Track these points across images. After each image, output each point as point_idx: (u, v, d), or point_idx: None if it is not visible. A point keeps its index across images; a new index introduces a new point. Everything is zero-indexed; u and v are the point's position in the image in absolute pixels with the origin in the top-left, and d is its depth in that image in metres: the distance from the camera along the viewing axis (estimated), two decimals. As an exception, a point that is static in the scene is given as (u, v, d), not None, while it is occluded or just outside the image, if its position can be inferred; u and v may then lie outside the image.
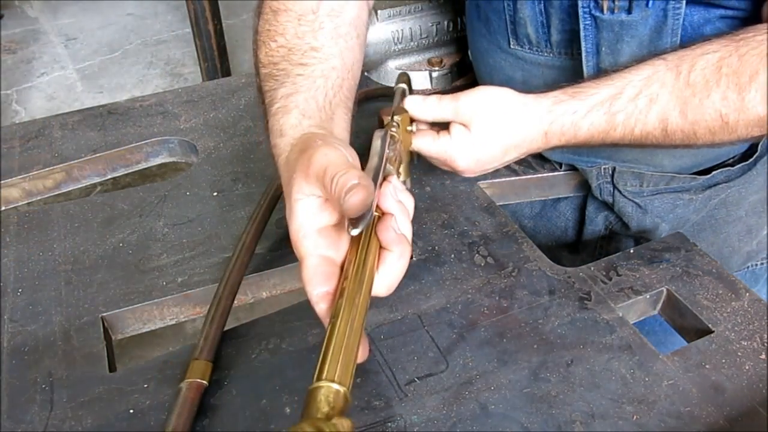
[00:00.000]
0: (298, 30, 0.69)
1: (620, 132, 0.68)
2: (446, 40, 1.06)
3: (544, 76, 0.80)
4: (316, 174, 0.51)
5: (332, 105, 0.65)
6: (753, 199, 0.87)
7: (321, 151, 0.52)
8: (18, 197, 0.90)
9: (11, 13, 3.91)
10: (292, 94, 0.63)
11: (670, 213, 0.85)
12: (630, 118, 0.67)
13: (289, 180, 0.55)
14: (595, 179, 0.85)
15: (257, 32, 0.72)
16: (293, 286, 0.77)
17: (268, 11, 0.72)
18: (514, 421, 0.58)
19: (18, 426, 0.58)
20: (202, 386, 0.60)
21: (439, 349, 0.65)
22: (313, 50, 0.68)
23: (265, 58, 0.70)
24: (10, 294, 0.71)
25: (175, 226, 0.80)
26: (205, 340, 0.63)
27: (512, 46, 0.80)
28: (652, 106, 0.66)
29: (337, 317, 0.48)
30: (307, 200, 0.53)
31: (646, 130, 0.67)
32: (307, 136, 0.58)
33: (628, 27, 0.70)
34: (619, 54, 0.72)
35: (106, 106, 1.03)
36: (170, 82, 3.31)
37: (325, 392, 0.43)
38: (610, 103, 0.67)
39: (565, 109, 0.69)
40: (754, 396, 0.60)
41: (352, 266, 0.51)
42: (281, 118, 0.62)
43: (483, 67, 0.89)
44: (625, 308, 0.70)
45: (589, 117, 0.68)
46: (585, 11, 0.71)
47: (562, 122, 0.69)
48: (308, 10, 0.70)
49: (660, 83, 0.66)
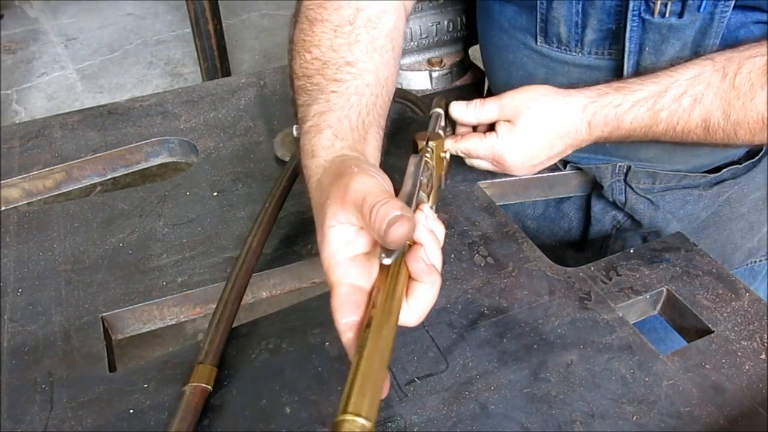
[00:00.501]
0: (334, 42, 0.68)
1: (662, 128, 0.70)
2: (446, 40, 1.06)
3: (569, 74, 0.80)
4: (353, 202, 0.50)
5: (365, 124, 0.64)
6: (755, 196, 0.88)
7: (358, 179, 0.51)
8: (18, 197, 0.90)
9: (11, 13, 3.91)
10: (325, 113, 0.63)
11: (681, 209, 0.86)
12: (673, 116, 0.69)
13: (321, 205, 0.54)
14: (609, 177, 0.85)
15: (292, 41, 0.71)
16: (293, 286, 0.77)
17: (305, 20, 0.70)
18: (514, 421, 0.58)
19: (18, 426, 0.59)
20: (207, 391, 0.60)
21: (439, 349, 0.65)
22: (348, 65, 0.67)
23: (299, 69, 0.69)
24: (10, 294, 0.71)
25: (175, 226, 0.80)
26: (210, 344, 0.62)
27: (539, 43, 0.80)
28: (696, 106, 0.68)
29: (364, 347, 0.46)
30: (340, 227, 0.52)
31: (689, 128, 0.70)
32: (341, 159, 0.57)
33: (676, 30, 0.71)
34: (662, 54, 0.73)
35: (106, 106, 1.03)
36: (170, 82, 3.31)
37: (349, 427, 0.41)
38: (654, 100, 0.70)
39: (609, 101, 0.71)
40: (754, 396, 0.60)
41: (380, 295, 0.50)
42: (313, 137, 0.61)
43: (499, 63, 0.88)
44: (625, 308, 0.70)
45: (632, 111, 0.70)
46: (635, 14, 0.71)
47: (605, 113, 0.71)
48: (345, 21, 0.69)
49: (706, 84, 0.68)
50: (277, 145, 0.92)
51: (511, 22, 0.82)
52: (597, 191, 0.89)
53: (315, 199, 0.57)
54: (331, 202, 0.51)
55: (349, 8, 0.69)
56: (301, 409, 0.60)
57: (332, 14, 0.69)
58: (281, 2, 3.94)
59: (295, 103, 0.68)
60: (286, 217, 0.82)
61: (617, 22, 0.73)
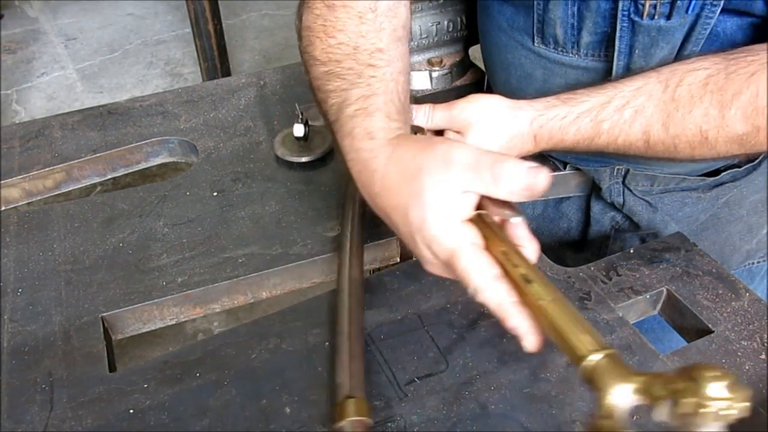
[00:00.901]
0: (361, 28, 0.67)
1: (604, 140, 0.70)
2: (446, 40, 1.06)
3: (567, 75, 0.80)
4: (463, 167, 0.52)
5: (404, 106, 0.65)
6: (754, 199, 0.88)
7: (456, 146, 0.54)
8: (18, 197, 0.90)
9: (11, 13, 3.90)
10: (370, 96, 0.62)
11: (679, 211, 0.85)
12: (614, 128, 0.69)
13: (412, 177, 0.55)
14: (607, 180, 0.85)
15: (307, 28, 0.70)
16: (293, 286, 0.77)
17: (321, 6, 0.70)
18: (514, 421, 0.58)
19: (18, 426, 0.59)
20: (368, 425, 0.57)
21: (439, 349, 0.65)
22: (379, 51, 0.66)
23: (323, 54, 0.68)
24: (10, 294, 0.71)
25: (175, 226, 0.80)
26: (351, 377, 0.59)
27: (536, 44, 0.80)
28: (636, 117, 0.68)
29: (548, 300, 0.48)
30: (446, 194, 0.53)
31: (629, 140, 0.69)
32: (411, 136, 0.59)
33: (665, 32, 0.70)
34: (651, 58, 0.73)
35: (106, 106, 1.03)
36: (170, 82, 3.31)
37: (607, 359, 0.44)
38: (597, 112, 0.69)
39: (555, 113, 0.71)
40: (754, 396, 0.60)
41: (513, 255, 0.52)
42: (363, 120, 0.61)
43: (499, 62, 0.88)
44: (625, 308, 0.70)
45: (576, 123, 0.70)
46: (624, 15, 0.71)
47: (550, 126, 0.71)
48: (367, 8, 0.68)
49: (647, 95, 0.67)
50: (277, 145, 0.92)
51: (510, 22, 0.82)
52: (596, 192, 0.89)
53: (391, 176, 0.57)
54: (431, 170, 0.53)
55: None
56: (301, 409, 0.60)
57: (353, 1, 0.69)
58: (281, 2, 3.94)
59: (321, 88, 0.67)
60: (286, 217, 0.82)
61: (611, 25, 0.73)
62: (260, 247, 0.77)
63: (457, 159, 0.53)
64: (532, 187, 0.51)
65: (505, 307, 0.52)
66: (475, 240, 0.54)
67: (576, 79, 0.79)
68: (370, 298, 0.70)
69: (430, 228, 0.54)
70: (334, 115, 0.64)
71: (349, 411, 0.56)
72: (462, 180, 0.53)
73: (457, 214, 0.54)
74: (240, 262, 0.75)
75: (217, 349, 0.66)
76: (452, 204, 0.53)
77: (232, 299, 0.75)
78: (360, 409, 0.56)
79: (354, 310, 0.64)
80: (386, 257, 0.80)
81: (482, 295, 0.52)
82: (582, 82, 0.78)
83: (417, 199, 0.54)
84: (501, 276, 0.52)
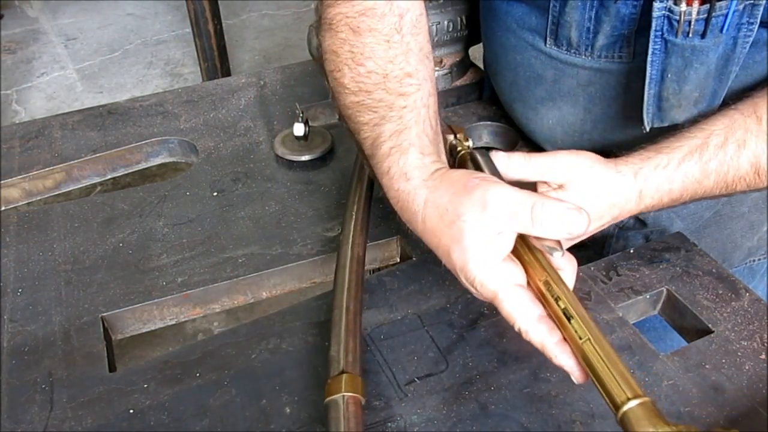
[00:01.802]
0: (389, 53, 0.66)
1: (713, 179, 0.67)
2: (446, 40, 1.06)
3: (578, 76, 0.79)
4: (500, 211, 0.53)
5: (436, 133, 0.65)
6: (755, 195, 0.88)
7: (492, 189, 0.54)
8: (18, 197, 0.90)
9: (11, 13, 3.90)
10: (402, 131, 0.62)
11: (684, 208, 0.85)
12: (723, 165, 0.67)
13: (451, 222, 0.55)
14: None
15: (333, 53, 0.68)
16: (293, 286, 0.77)
17: (346, 30, 0.67)
18: (514, 421, 0.58)
19: (18, 426, 0.59)
20: (361, 401, 0.56)
21: (439, 349, 0.65)
22: (408, 76, 0.65)
23: (353, 84, 0.66)
24: (10, 294, 0.71)
25: (175, 226, 0.80)
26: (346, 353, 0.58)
27: (548, 45, 0.79)
28: (742, 151, 0.67)
29: (584, 339, 0.50)
30: (484, 237, 0.54)
31: (739, 174, 0.67)
32: (441, 174, 0.59)
33: (699, 53, 0.69)
34: (685, 82, 0.71)
35: (106, 106, 1.03)
36: (170, 82, 3.31)
37: (643, 407, 0.45)
38: (699, 153, 0.67)
39: (657, 163, 0.67)
40: (754, 396, 0.60)
41: (555, 285, 0.53)
42: (399, 159, 0.61)
43: (506, 63, 0.88)
44: (625, 308, 0.70)
45: (682, 168, 0.67)
46: (657, 34, 0.69)
47: (656, 176, 0.67)
48: (393, 30, 0.66)
49: (743, 129, 0.67)
50: (277, 145, 0.92)
51: (519, 23, 0.82)
52: None
53: (431, 219, 0.58)
54: (469, 218, 0.54)
55: (392, 15, 0.67)
56: (301, 409, 0.60)
57: (378, 23, 0.66)
58: (281, 2, 3.94)
59: (352, 118, 0.66)
60: (286, 217, 0.82)
61: (630, 28, 0.72)
62: (260, 247, 0.77)
63: (493, 201, 0.53)
64: (571, 228, 0.52)
65: (549, 347, 0.53)
66: (517, 278, 0.55)
67: (588, 79, 0.79)
68: (370, 298, 0.70)
69: (472, 270, 0.54)
70: (369, 150, 0.64)
71: (343, 385, 0.55)
72: (499, 222, 0.53)
73: (497, 254, 0.54)
74: (240, 262, 0.75)
75: (217, 349, 0.66)
76: (491, 246, 0.54)
77: (232, 299, 0.75)
78: (355, 385, 0.55)
79: (354, 287, 0.64)
80: (386, 257, 0.80)
81: (527, 336, 0.54)
82: (594, 83, 0.77)
83: (457, 243, 0.55)
84: (543, 316, 0.53)
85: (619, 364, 0.48)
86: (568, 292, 0.53)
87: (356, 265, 0.67)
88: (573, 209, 0.52)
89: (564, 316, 0.51)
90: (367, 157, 0.66)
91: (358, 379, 0.56)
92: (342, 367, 0.57)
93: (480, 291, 0.55)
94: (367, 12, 0.67)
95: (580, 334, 0.50)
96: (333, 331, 0.60)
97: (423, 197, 0.58)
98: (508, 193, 0.54)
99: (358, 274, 0.66)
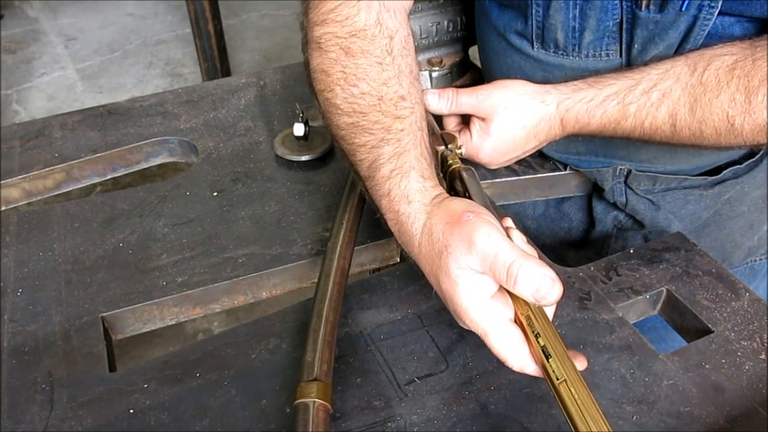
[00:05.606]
0: (382, 76, 0.65)
1: (631, 123, 0.70)
2: (446, 40, 1.06)
3: (567, 77, 0.80)
4: (482, 257, 0.52)
5: (432, 156, 0.65)
6: (755, 195, 0.88)
7: (481, 230, 0.53)
8: (18, 197, 0.90)
9: (11, 13, 3.90)
10: (402, 154, 0.62)
11: (682, 209, 0.86)
12: (641, 110, 0.69)
13: (439, 253, 0.55)
14: (610, 180, 0.85)
15: (324, 72, 0.67)
16: (293, 286, 0.77)
17: (337, 50, 0.67)
18: (514, 421, 0.58)
19: (18, 426, 0.59)
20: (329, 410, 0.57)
21: (439, 349, 0.65)
22: (402, 99, 0.65)
23: (346, 105, 0.66)
24: (10, 294, 0.71)
25: (175, 226, 0.80)
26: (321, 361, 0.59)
27: (535, 48, 0.80)
28: (663, 100, 0.68)
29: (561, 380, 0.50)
30: (470, 274, 0.54)
31: (656, 124, 0.69)
32: (440, 201, 0.59)
33: (661, 28, 0.70)
34: (646, 54, 0.73)
35: (106, 106, 1.03)
36: (170, 82, 3.31)
37: None
38: (624, 94, 0.70)
39: (582, 96, 0.71)
40: (754, 396, 0.60)
41: (536, 321, 0.53)
42: (401, 181, 0.61)
43: (497, 66, 0.88)
44: (625, 308, 0.70)
45: (603, 106, 0.71)
46: (628, 6, 0.71)
47: (577, 109, 0.72)
48: (384, 52, 0.66)
49: (675, 78, 0.68)
50: (277, 145, 0.92)
51: (507, 28, 0.82)
52: (598, 192, 0.89)
53: (425, 245, 0.58)
54: (455, 251, 0.54)
55: (383, 37, 0.67)
56: (301, 409, 0.60)
57: (369, 45, 0.66)
58: (281, 2, 3.94)
59: (346, 139, 0.66)
60: (286, 217, 0.82)
61: (614, 17, 0.73)
62: (260, 247, 0.77)
63: (479, 244, 0.53)
64: (542, 297, 0.51)
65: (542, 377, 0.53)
66: (506, 314, 0.54)
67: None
68: (370, 298, 0.70)
69: (461, 303, 0.54)
70: (367, 171, 0.64)
71: (315, 392, 0.56)
72: (480, 265, 0.53)
73: (483, 292, 0.54)
74: (240, 262, 0.75)
75: (217, 349, 0.66)
76: (478, 284, 0.54)
77: (232, 299, 0.75)
78: (326, 394, 0.56)
79: (335, 298, 0.65)
80: (386, 257, 0.80)
81: (522, 372, 0.54)
82: None
83: (446, 275, 0.55)
84: (533, 353, 0.53)
85: (592, 407, 0.48)
86: (549, 328, 0.52)
87: (339, 277, 0.67)
88: (548, 277, 0.51)
89: (543, 354, 0.51)
90: (363, 178, 0.65)
91: (330, 390, 0.57)
92: (316, 374, 0.57)
93: (469, 325, 0.55)
94: (357, 33, 0.66)
95: (557, 374, 0.50)
96: (311, 337, 0.61)
97: (422, 222, 0.59)
98: (493, 241, 0.53)
99: (340, 286, 0.66)
